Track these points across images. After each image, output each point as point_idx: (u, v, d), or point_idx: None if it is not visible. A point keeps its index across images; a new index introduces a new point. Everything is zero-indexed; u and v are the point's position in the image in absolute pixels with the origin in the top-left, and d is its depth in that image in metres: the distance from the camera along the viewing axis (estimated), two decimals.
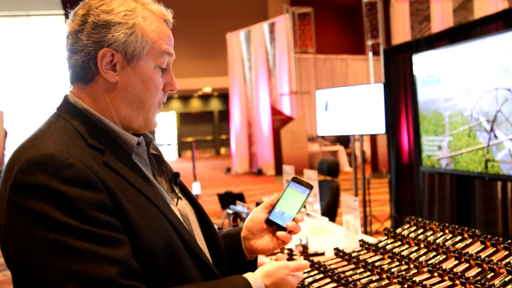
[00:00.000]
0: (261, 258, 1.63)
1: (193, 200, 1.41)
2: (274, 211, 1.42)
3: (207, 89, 24.27)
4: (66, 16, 1.25)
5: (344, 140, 14.88)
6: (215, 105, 27.22)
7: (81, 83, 1.23)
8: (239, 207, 2.68)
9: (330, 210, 4.99)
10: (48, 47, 18.15)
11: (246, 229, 1.47)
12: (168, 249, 1.16)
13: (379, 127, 5.71)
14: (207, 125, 27.28)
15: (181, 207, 1.33)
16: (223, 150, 26.67)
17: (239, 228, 1.52)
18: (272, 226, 1.42)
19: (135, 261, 1.08)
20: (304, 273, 1.94)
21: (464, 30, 5.10)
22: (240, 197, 5.46)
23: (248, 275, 1.26)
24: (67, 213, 1.01)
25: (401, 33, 12.17)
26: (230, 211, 2.68)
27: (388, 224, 6.86)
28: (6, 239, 1.08)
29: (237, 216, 2.64)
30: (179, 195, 1.36)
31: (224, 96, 23.59)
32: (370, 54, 14.75)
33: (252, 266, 1.49)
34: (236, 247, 1.45)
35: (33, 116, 18.32)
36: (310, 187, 1.44)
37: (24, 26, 18.50)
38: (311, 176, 2.68)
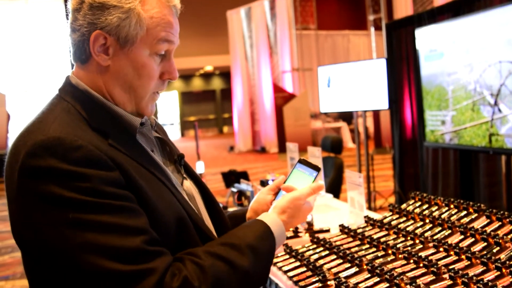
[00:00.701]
0: None
1: (198, 180, 1.41)
2: (281, 193, 1.41)
3: (209, 68, 24.17)
4: None
5: (347, 117, 14.83)
6: (217, 83, 27.13)
7: (80, 63, 1.22)
8: (243, 185, 2.68)
9: (334, 187, 5.00)
10: (48, 29, 18.03)
11: (251, 210, 1.47)
12: (179, 224, 1.17)
13: (382, 102, 5.69)
14: (209, 104, 27.22)
15: (186, 187, 1.33)
16: (225, 129, 26.66)
17: (245, 209, 1.52)
18: None
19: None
20: (310, 249, 1.96)
21: (467, 3, 5.03)
22: (244, 175, 5.46)
23: (264, 217, 1.28)
24: (82, 192, 1.01)
25: (403, 7, 12.03)
26: (234, 190, 2.69)
27: (392, 199, 6.88)
28: (19, 224, 1.07)
29: (241, 195, 2.64)
30: (184, 175, 1.36)
31: (226, 74, 23.49)
32: (372, 29, 14.62)
33: None
34: None
35: (35, 98, 18.31)
36: (317, 169, 1.41)
37: (23, 9, 18.36)
38: (315, 153, 2.68)
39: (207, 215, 1.36)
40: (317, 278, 1.67)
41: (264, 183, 3.04)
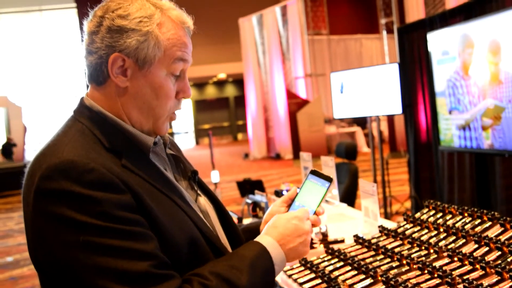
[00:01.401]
0: None
1: (212, 196, 1.43)
2: (294, 205, 1.42)
3: (222, 75, 24.26)
4: (78, 9, 1.25)
5: (361, 121, 14.79)
6: (230, 91, 27.22)
7: (95, 84, 1.24)
8: (258, 196, 2.70)
9: (349, 194, 4.99)
10: (62, 40, 18.26)
11: (265, 223, 1.48)
12: (191, 245, 1.19)
13: (395, 107, 5.67)
14: (223, 112, 27.32)
15: (200, 204, 1.36)
16: (240, 136, 26.72)
17: (258, 222, 1.53)
18: None
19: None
20: (325, 261, 1.96)
21: (479, 5, 5.01)
22: (259, 184, 5.50)
23: (260, 238, 1.28)
24: (93, 215, 1.04)
25: (415, 10, 11.99)
26: (249, 201, 2.70)
27: (408, 204, 6.85)
28: (34, 243, 1.11)
29: (256, 206, 2.66)
30: (198, 192, 1.38)
31: (239, 81, 23.56)
32: (384, 33, 14.58)
33: None
34: None
35: (50, 110, 18.50)
36: (330, 180, 1.42)
37: (38, 21, 18.63)
38: (328, 163, 2.69)
39: (222, 231, 1.38)
40: None
41: (278, 194, 3.05)
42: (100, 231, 1.04)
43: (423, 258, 1.75)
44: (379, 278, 1.66)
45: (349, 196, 4.87)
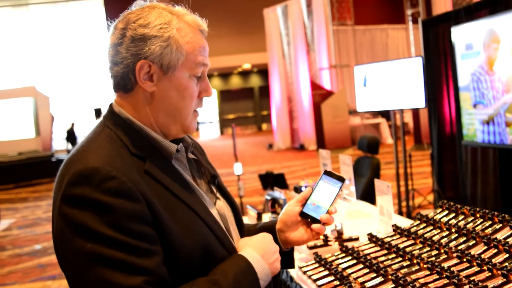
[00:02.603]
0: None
1: (230, 200, 1.50)
2: (308, 204, 1.49)
3: (247, 66, 24.30)
4: (105, 0, 1.32)
5: (386, 113, 14.70)
6: (255, 81, 27.25)
7: (122, 92, 1.32)
8: (277, 193, 2.78)
9: (371, 188, 5.01)
10: (88, 31, 18.51)
11: (281, 222, 1.54)
12: (204, 252, 1.26)
13: (419, 101, 5.65)
14: (248, 102, 27.37)
15: (219, 207, 1.43)
16: (264, 126, 26.76)
17: (274, 221, 1.59)
18: (306, 219, 1.47)
19: (165, 271, 1.18)
20: (338, 258, 2.03)
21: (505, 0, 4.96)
22: (281, 178, 5.56)
23: (244, 252, 1.34)
24: (105, 223, 1.12)
25: (442, 0, 11.83)
26: (268, 197, 2.78)
27: (430, 197, 6.83)
28: (56, 244, 1.22)
29: (275, 202, 2.73)
30: (217, 195, 1.46)
31: (263, 71, 23.57)
32: (410, 23, 14.42)
33: (288, 257, 1.57)
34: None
35: (77, 100, 18.79)
36: (342, 180, 1.49)
37: (65, 12, 18.92)
38: (346, 161, 2.74)
39: (238, 234, 1.46)
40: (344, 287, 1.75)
41: (297, 190, 3.12)
42: (106, 241, 1.12)
43: (433, 258, 1.81)
44: (389, 277, 1.72)
45: (370, 190, 4.90)
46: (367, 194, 4.53)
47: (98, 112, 13.82)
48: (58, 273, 5.56)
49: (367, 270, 1.84)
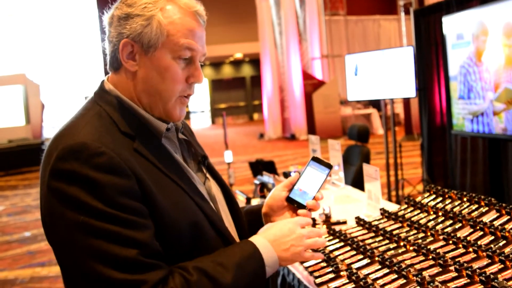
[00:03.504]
0: None
1: (221, 181, 1.50)
2: (295, 189, 1.48)
3: (238, 55, 24.23)
4: None
5: (377, 103, 14.74)
6: (246, 70, 27.19)
7: (113, 70, 1.33)
8: (266, 177, 2.78)
9: (360, 176, 5.03)
10: (80, 18, 18.34)
11: (267, 206, 1.54)
12: (193, 229, 1.25)
13: (409, 90, 5.67)
14: (239, 91, 27.33)
15: (208, 187, 1.42)
16: (256, 116, 26.74)
17: (260, 204, 1.59)
18: (293, 204, 1.47)
19: (158, 244, 1.18)
20: (326, 241, 2.04)
21: None
22: (271, 165, 5.56)
23: (254, 238, 1.33)
24: (96, 198, 1.12)
25: None
26: (257, 182, 2.79)
27: (420, 187, 6.88)
28: (46, 219, 1.21)
29: (263, 186, 2.74)
30: (207, 175, 1.45)
31: (255, 61, 23.52)
32: (402, 14, 14.43)
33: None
34: (257, 222, 1.54)
35: (68, 87, 18.65)
36: (329, 166, 1.48)
37: None
38: (335, 146, 2.75)
39: (229, 216, 1.45)
40: (330, 269, 1.76)
41: (286, 175, 3.13)
42: (98, 214, 1.12)
43: (420, 241, 1.82)
44: (376, 258, 1.73)
45: (359, 179, 4.92)
46: (357, 182, 4.54)
47: None
48: (48, 260, 5.55)
49: (354, 252, 1.86)
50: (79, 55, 18.32)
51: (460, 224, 1.85)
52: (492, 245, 1.64)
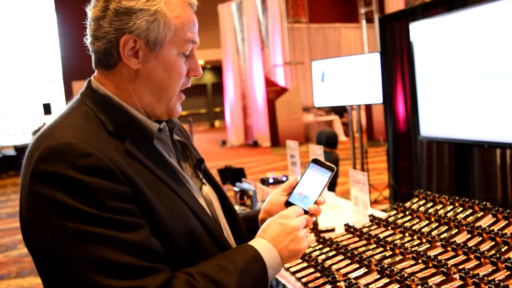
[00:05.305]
0: None
1: (216, 186, 1.41)
2: (294, 193, 1.40)
3: (200, 62, 24.02)
4: None
5: (339, 110, 14.86)
6: (208, 77, 27.04)
7: (103, 69, 1.22)
8: (246, 184, 2.68)
9: (332, 182, 5.01)
10: (35, 23, 17.88)
11: (264, 212, 1.47)
12: (188, 236, 1.16)
13: (376, 96, 5.71)
14: (200, 98, 27.15)
15: (205, 193, 1.33)
16: (217, 123, 26.62)
17: (257, 210, 1.52)
18: None
19: (158, 243, 1.08)
20: (316, 250, 1.96)
21: None
22: (241, 172, 5.49)
23: (254, 242, 1.25)
24: (84, 202, 1.01)
25: (394, 0, 12.04)
26: (236, 189, 2.68)
27: (386, 193, 6.92)
28: (27, 225, 1.09)
29: (243, 194, 2.64)
30: (203, 180, 1.36)
31: (217, 68, 23.42)
32: (364, 22, 14.63)
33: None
34: (254, 229, 1.45)
35: (23, 95, 18.17)
36: (332, 169, 1.39)
37: (11, 2, 18.19)
38: (317, 151, 2.68)
39: (225, 221, 1.36)
40: (326, 280, 1.68)
41: (264, 181, 3.04)
42: (89, 218, 1.01)
43: (417, 248, 1.76)
44: (374, 267, 1.66)
45: (330, 184, 4.89)
46: (328, 188, 4.51)
47: (47, 108, 13.19)
48: (6, 273, 5.28)
49: (349, 261, 1.77)
50: (35, 62, 17.82)
51: (456, 230, 1.80)
52: (493, 251, 1.59)
